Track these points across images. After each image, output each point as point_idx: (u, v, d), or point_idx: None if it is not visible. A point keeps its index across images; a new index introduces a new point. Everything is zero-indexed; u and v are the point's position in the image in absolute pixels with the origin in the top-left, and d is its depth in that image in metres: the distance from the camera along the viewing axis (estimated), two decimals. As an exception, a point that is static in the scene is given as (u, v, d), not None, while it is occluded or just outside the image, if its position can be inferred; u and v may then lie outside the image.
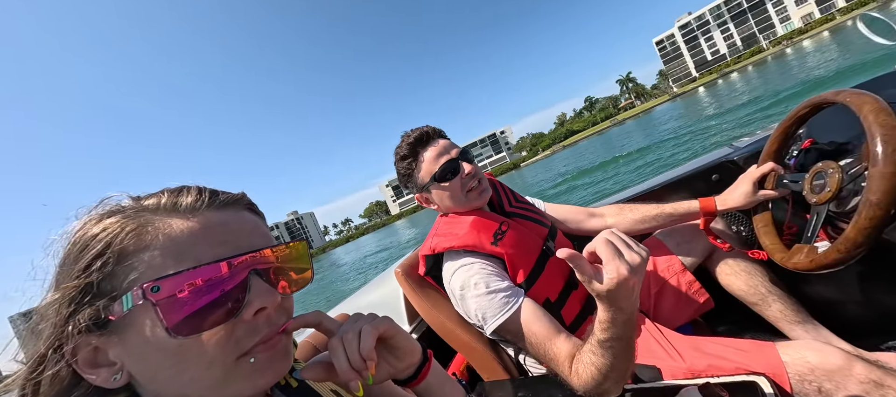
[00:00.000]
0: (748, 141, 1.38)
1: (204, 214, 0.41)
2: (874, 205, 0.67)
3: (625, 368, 0.69)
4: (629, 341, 0.65)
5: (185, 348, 0.37)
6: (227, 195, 0.45)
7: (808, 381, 0.74)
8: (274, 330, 0.42)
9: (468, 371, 1.19)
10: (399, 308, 1.29)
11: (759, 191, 1.02)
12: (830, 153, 0.92)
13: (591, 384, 0.71)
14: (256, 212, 0.48)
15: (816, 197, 0.84)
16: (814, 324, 1.01)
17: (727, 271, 1.11)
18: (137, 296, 0.35)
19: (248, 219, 0.45)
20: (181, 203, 0.41)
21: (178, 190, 0.43)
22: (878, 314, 1.11)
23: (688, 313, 1.14)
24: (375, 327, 0.49)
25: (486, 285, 0.90)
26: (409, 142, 1.04)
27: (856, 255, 0.72)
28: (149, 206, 0.40)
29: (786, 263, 0.89)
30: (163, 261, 0.36)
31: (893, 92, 0.84)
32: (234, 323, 0.39)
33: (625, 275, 0.54)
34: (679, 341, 0.94)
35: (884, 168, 0.65)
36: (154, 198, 0.41)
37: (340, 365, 0.46)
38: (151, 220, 0.38)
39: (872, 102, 0.71)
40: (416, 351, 0.56)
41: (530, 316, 0.86)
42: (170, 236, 0.37)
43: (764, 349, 0.82)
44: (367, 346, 0.47)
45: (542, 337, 0.83)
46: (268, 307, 0.41)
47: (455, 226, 1.02)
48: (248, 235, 0.43)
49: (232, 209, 0.44)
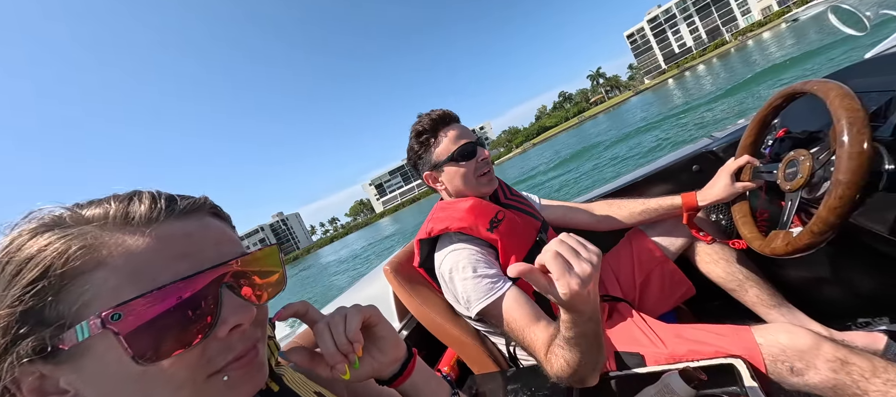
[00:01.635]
0: (727, 131, 1.43)
1: (162, 225, 0.36)
2: (843, 184, 0.69)
3: (595, 360, 0.71)
4: (595, 336, 0.67)
5: (152, 373, 0.33)
6: (187, 201, 0.40)
7: (781, 362, 0.78)
8: (248, 345, 0.40)
9: (459, 365, 1.19)
10: (389, 305, 1.28)
11: (737, 182, 1.06)
12: (803, 141, 0.96)
13: (563, 374, 0.74)
14: (222, 216, 0.44)
15: (790, 184, 0.88)
16: (788, 308, 1.07)
17: (707, 260, 1.16)
18: (95, 325, 0.31)
19: (213, 225, 0.41)
20: (134, 213, 0.36)
21: (129, 197, 0.38)
22: (848, 295, 1.18)
23: (671, 301, 1.19)
24: (360, 310, 0.50)
25: (474, 269, 0.93)
26: (432, 119, 1.08)
27: (828, 236, 0.75)
28: (94, 218, 0.35)
29: (764, 250, 0.93)
30: (119, 283, 0.32)
31: (860, 81, 0.88)
32: (207, 342, 0.36)
33: (575, 289, 0.54)
34: (662, 329, 0.98)
35: (850, 148, 0.68)
36: (99, 209, 0.36)
37: (327, 348, 0.46)
38: (99, 236, 0.34)
39: (837, 89, 0.74)
40: (400, 345, 0.56)
41: (512, 304, 0.88)
42: (124, 253, 0.33)
43: (740, 333, 0.86)
44: (353, 327, 0.47)
45: (521, 324, 0.85)
46: (244, 323, 0.38)
47: (452, 210, 1.04)
48: (214, 245, 0.39)
49: (194, 217, 0.40)
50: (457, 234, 1.00)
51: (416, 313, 1.09)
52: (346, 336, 0.47)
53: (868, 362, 0.72)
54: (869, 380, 0.70)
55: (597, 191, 1.57)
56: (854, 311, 1.16)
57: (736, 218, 1.07)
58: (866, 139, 0.67)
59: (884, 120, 0.76)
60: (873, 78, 0.85)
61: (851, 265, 1.13)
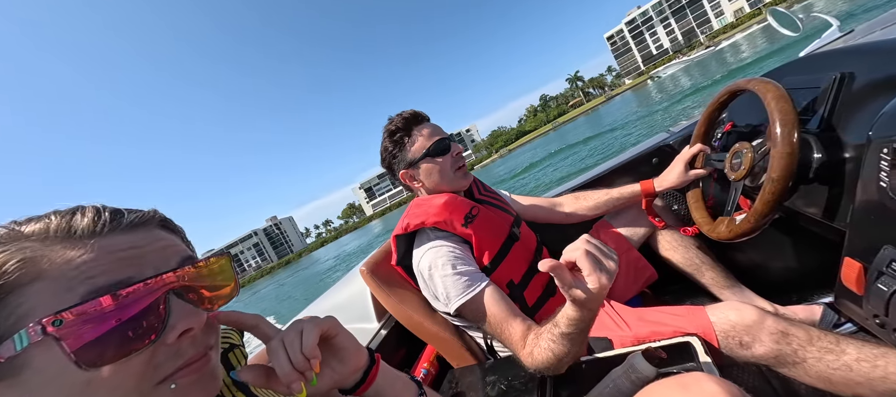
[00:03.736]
0: (683, 125, 1.53)
1: (106, 238, 0.36)
2: (775, 180, 0.77)
3: (578, 352, 0.77)
4: (587, 331, 0.72)
5: (96, 383, 0.32)
6: (134, 214, 0.39)
7: (731, 337, 0.85)
8: (199, 351, 0.39)
9: (438, 360, 1.22)
10: (367, 307, 1.29)
11: (690, 170, 1.15)
12: (747, 134, 1.04)
13: (545, 365, 0.79)
14: (172, 228, 0.43)
15: (735, 174, 0.95)
16: (740, 287, 1.16)
17: (666, 246, 1.24)
18: (35, 332, 0.30)
19: (162, 237, 0.40)
20: (77, 227, 0.35)
21: (72, 212, 0.37)
22: (791, 273, 1.29)
23: (636, 286, 1.25)
24: (317, 324, 0.47)
25: (453, 266, 0.96)
26: (405, 118, 1.10)
27: (764, 224, 0.84)
28: (34, 234, 0.34)
29: (711, 234, 1.02)
30: (59, 294, 0.32)
31: (794, 78, 0.96)
32: (155, 348, 0.35)
33: (605, 284, 0.58)
34: (627, 313, 1.04)
35: (781, 149, 0.76)
36: (38, 224, 0.35)
37: (282, 367, 0.43)
38: (39, 250, 0.33)
39: (775, 90, 0.80)
40: (361, 352, 0.53)
41: (490, 300, 0.92)
42: (64, 265, 0.33)
43: (696, 313, 0.92)
44: (310, 343, 0.44)
45: (499, 318, 0.90)
46: (194, 327, 0.37)
47: (428, 206, 1.06)
48: (161, 256, 0.38)
49: (141, 229, 0.39)
50: (433, 230, 1.03)
51: (394, 312, 1.11)
52: (303, 352, 0.43)
53: (805, 332, 0.79)
54: (806, 349, 0.77)
55: (565, 186, 1.64)
56: (797, 287, 1.26)
57: (689, 203, 1.15)
58: (795, 142, 0.74)
59: (813, 113, 0.83)
60: (805, 75, 0.93)
61: (793, 246, 1.23)
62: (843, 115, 0.77)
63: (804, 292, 1.25)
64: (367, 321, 1.29)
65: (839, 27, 1.33)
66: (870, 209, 0.58)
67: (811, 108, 0.85)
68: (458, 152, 1.12)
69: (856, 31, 1.24)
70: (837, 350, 0.75)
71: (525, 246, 1.15)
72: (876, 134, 0.56)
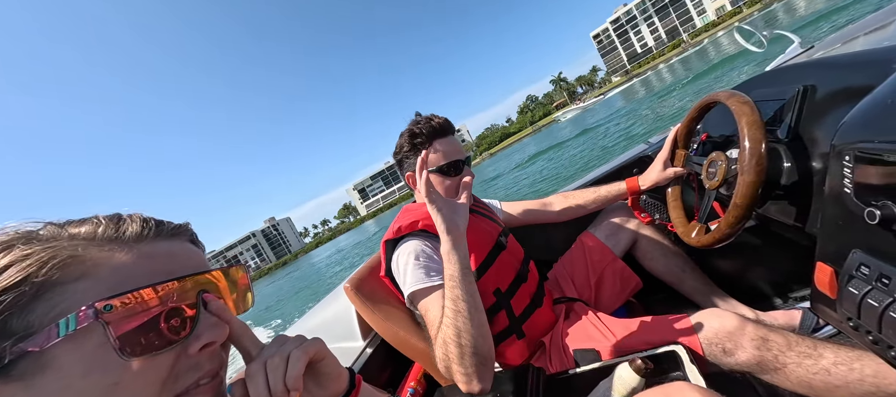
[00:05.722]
0: (661, 137, 1.57)
1: (149, 244, 0.39)
2: (738, 206, 0.81)
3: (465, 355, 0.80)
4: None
5: (116, 389, 0.33)
6: (172, 225, 0.43)
7: (715, 344, 0.86)
8: (215, 366, 0.40)
9: (426, 379, 1.21)
10: (351, 325, 1.28)
11: (669, 168, 1.18)
12: (721, 144, 1.07)
13: (441, 363, 0.84)
14: (198, 244, 0.46)
15: (710, 182, 0.97)
16: (721, 295, 1.18)
17: (649, 257, 1.26)
18: (86, 316, 0.31)
19: (193, 250, 0.44)
20: (125, 232, 0.38)
21: (118, 218, 0.39)
22: (770, 279, 1.32)
23: (623, 296, 1.26)
24: (305, 351, 0.43)
25: (417, 258, 0.97)
26: (432, 126, 1.10)
27: (731, 237, 0.88)
28: (82, 234, 0.36)
29: (684, 237, 1.05)
30: (103, 292, 0.33)
31: (761, 91, 0.99)
32: (179, 354, 0.37)
33: None
34: (614, 324, 1.04)
35: (747, 177, 0.78)
36: (87, 226, 0.37)
37: (258, 394, 0.40)
38: (87, 248, 0.35)
39: (750, 114, 0.80)
40: (342, 377, 0.50)
41: (436, 298, 0.91)
42: (111, 266, 0.35)
43: (680, 321, 0.93)
44: (295, 374, 0.41)
45: (435, 316, 0.89)
46: (216, 341, 0.39)
47: (418, 211, 1.07)
48: (195, 267, 0.41)
49: (177, 239, 0.42)
50: (421, 232, 1.03)
51: (380, 330, 1.10)
52: (285, 382, 0.40)
53: (784, 338, 0.80)
54: (785, 354, 0.78)
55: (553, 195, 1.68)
56: (778, 292, 1.29)
57: (669, 202, 1.18)
58: (760, 171, 0.76)
59: (780, 123, 0.86)
60: (771, 88, 0.96)
61: (772, 252, 1.25)
62: (808, 125, 0.79)
63: (785, 297, 1.28)
64: (351, 340, 1.28)
65: (801, 43, 1.38)
66: (837, 214, 0.60)
67: (779, 118, 0.87)
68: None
69: (816, 46, 1.29)
70: (815, 354, 0.76)
71: (512, 255, 1.15)
72: (838, 141, 0.58)
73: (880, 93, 0.56)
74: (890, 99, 0.54)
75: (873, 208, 0.49)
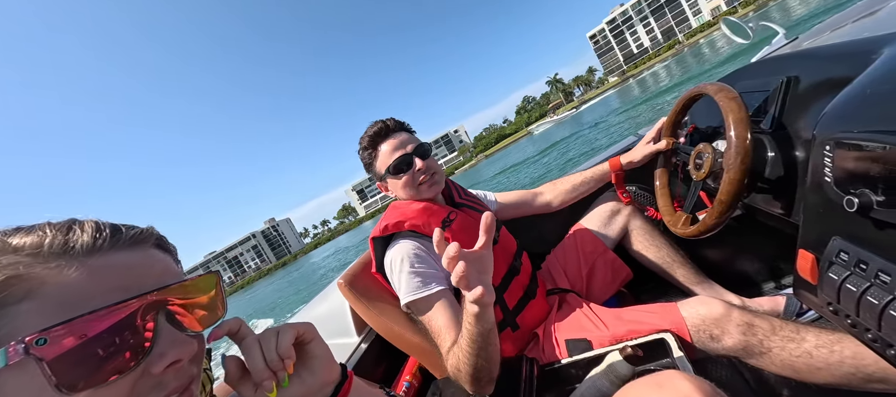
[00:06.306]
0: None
1: (103, 256, 0.35)
2: (723, 202, 0.83)
3: (487, 365, 0.80)
4: (487, 339, 0.76)
5: None
6: (132, 232, 0.38)
7: (702, 330, 0.88)
8: (183, 382, 0.37)
9: (421, 372, 1.22)
10: (346, 321, 1.28)
11: (653, 145, 1.22)
12: (709, 135, 1.09)
13: (462, 375, 0.83)
14: (167, 248, 0.43)
15: (697, 174, 0.99)
16: (709, 283, 1.20)
17: (639, 247, 1.27)
18: (15, 352, 0.28)
19: (158, 258, 0.40)
20: (75, 244, 0.34)
21: (68, 226, 0.35)
22: (756, 267, 1.35)
23: (614, 286, 1.28)
24: (293, 327, 0.46)
25: (411, 264, 0.98)
26: (370, 135, 1.12)
27: (718, 227, 0.90)
28: (25, 247, 0.32)
29: (671, 226, 1.08)
30: (47, 314, 0.30)
31: (746, 83, 1.01)
32: (139, 376, 0.34)
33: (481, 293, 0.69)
34: (605, 313, 1.06)
35: (732, 174, 0.80)
36: (32, 237, 0.33)
37: (255, 363, 0.42)
38: (30, 266, 0.31)
39: (737, 111, 0.81)
40: (333, 367, 0.52)
41: (437, 305, 0.94)
42: (58, 284, 0.31)
43: (669, 309, 0.95)
44: (285, 343, 0.44)
45: (438, 325, 0.92)
46: (183, 359, 0.36)
47: (405, 209, 1.08)
48: (157, 278, 0.37)
49: (138, 248, 0.38)
50: (410, 232, 1.04)
51: (374, 325, 1.10)
52: (277, 351, 0.43)
53: (768, 323, 0.82)
54: (770, 339, 0.80)
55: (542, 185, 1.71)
56: (763, 279, 1.32)
57: (656, 187, 1.20)
58: (746, 169, 0.78)
59: (764, 114, 0.87)
60: (757, 79, 0.98)
61: (758, 241, 1.28)
62: (791, 115, 0.81)
63: (769, 283, 1.31)
64: (346, 336, 1.28)
65: (785, 35, 1.41)
66: (818, 203, 0.61)
67: (763, 109, 0.89)
68: (420, 168, 1.09)
69: (800, 38, 1.31)
70: (798, 338, 0.78)
71: (504, 249, 1.16)
72: (819, 131, 0.59)
73: (859, 84, 0.58)
74: (869, 89, 0.55)
75: (852, 196, 0.50)
